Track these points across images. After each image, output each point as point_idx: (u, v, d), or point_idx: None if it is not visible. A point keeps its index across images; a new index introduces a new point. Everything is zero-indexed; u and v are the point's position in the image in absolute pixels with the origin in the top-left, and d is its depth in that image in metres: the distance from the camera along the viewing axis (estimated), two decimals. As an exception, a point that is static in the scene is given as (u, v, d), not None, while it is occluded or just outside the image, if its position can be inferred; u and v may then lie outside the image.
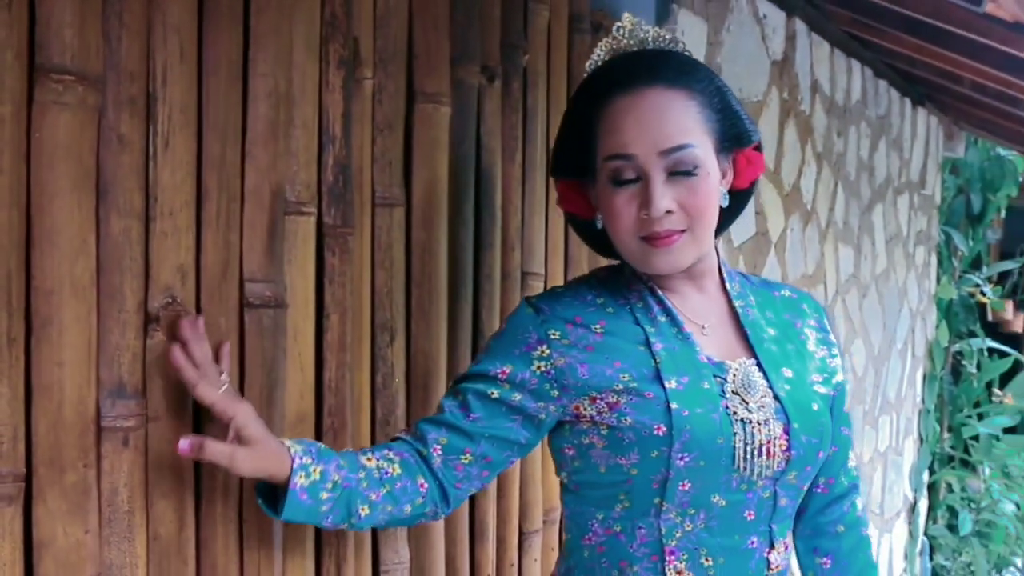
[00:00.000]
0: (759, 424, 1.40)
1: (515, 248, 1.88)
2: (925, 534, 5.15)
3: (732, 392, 1.41)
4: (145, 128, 1.22)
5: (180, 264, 1.27)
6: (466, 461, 1.42)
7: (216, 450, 1.23)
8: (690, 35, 2.30)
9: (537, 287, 1.93)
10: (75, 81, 1.12)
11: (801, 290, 1.67)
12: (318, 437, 1.50)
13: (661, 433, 1.35)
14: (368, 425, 1.60)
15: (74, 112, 1.13)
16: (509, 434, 1.43)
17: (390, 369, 1.62)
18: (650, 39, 1.49)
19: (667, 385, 1.37)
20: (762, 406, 1.41)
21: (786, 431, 1.42)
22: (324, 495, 1.31)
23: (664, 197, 1.34)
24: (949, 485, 5.88)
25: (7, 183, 1.08)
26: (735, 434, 1.38)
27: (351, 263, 1.52)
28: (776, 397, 1.44)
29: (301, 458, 1.28)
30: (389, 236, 1.60)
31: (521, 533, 1.97)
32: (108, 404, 1.20)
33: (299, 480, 1.28)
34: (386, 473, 1.38)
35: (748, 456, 1.39)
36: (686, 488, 1.37)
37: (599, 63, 1.48)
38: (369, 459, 1.37)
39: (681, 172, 1.35)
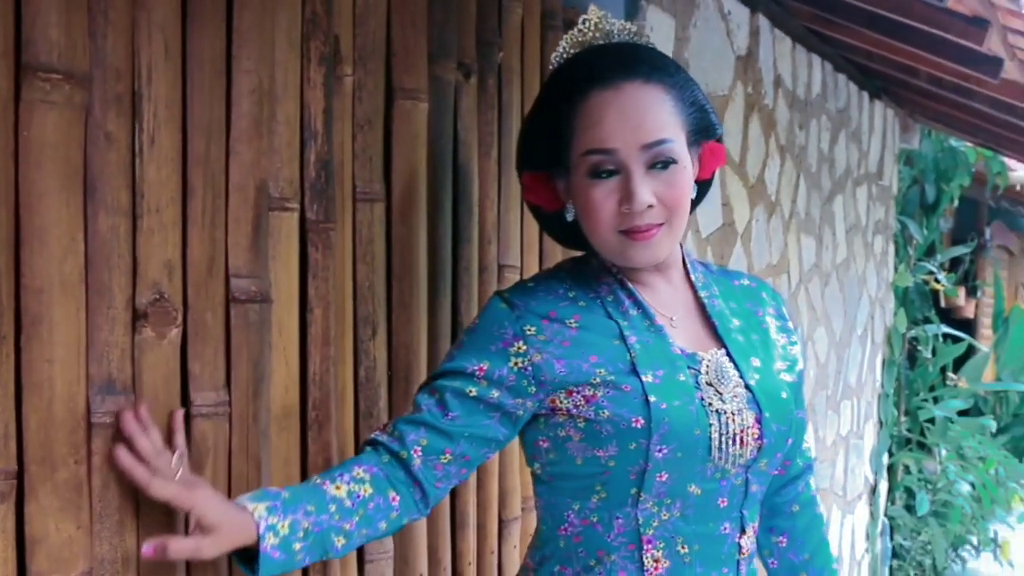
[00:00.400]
0: (733, 414, 1.40)
1: (492, 241, 1.87)
2: (885, 515, 5.20)
3: (706, 383, 1.41)
4: (131, 126, 1.20)
5: (167, 260, 1.26)
6: (445, 461, 1.39)
7: (180, 547, 1.21)
8: (658, 31, 2.30)
9: (513, 279, 1.92)
10: (62, 79, 1.11)
11: (758, 278, 1.68)
12: (303, 430, 1.49)
13: (639, 426, 1.35)
14: (352, 418, 1.59)
15: (61, 110, 1.12)
16: (487, 432, 1.41)
17: (372, 362, 1.61)
18: (615, 32, 1.48)
19: (644, 378, 1.37)
20: (735, 396, 1.42)
21: (758, 420, 1.42)
22: (297, 545, 1.28)
23: (646, 191, 1.34)
24: (906, 467, 5.95)
25: (-6, 181, 1.07)
26: (711, 425, 1.38)
27: (333, 258, 1.51)
28: (747, 387, 1.44)
29: (267, 519, 1.24)
30: (370, 231, 1.59)
31: (501, 521, 1.97)
32: (98, 400, 1.18)
33: (269, 541, 1.24)
34: (357, 497, 1.34)
35: (723, 446, 1.39)
36: (663, 479, 1.37)
37: (565, 55, 1.47)
38: (339, 487, 1.33)
39: (659, 166, 1.35)
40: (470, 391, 1.39)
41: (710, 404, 1.39)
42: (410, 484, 1.38)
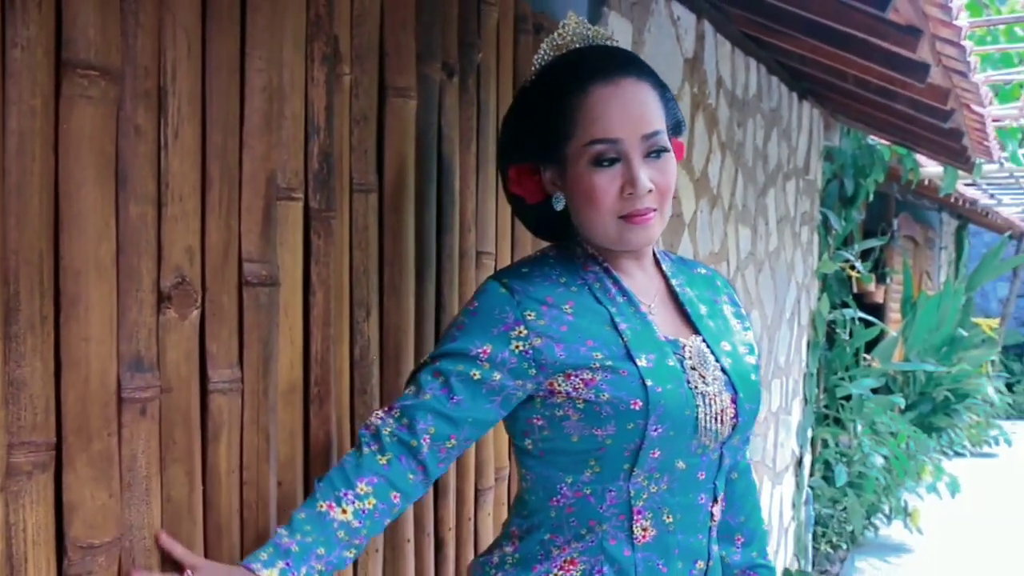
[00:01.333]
0: (715, 396, 1.45)
1: (471, 230, 1.91)
2: (808, 485, 5.33)
3: (691, 368, 1.46)
4: (157, 120, 1.22)
5: (188, 246, 1.28)
6: (450, 445, 1.41)
7: None
8: (618, 35, 2.35)
9: (489, 265, 1.97)
10: (98, 76, 1.13)
11: (711, 267, 1.73)
12: (306, 404, 1.52)
13: (637, 407, 1.38)
14: (348, 394, 1.62)
15: (97, 105, 1.13)
16: (488, 415, 1.43)
17: (367, 342, 1.64)
18: (591, 36, 1.54)
19: (639, 363, 1.40)
20: (715, 379, 1.47)
21: (733, 400, 1.48)
22: None
23: (646, 177, 1.39)
24: (824, 441, 6.09)
25: (38, 170, 1.08)
26: (698, 406, 1.43)
27: (334, 244, 1.54)
28: (723, 370, 1.50)
29: None
30: (365, 219, 1.62)
31: (477, 490, 2.01)
32: (128, 377, 1.20)
33: None
34: (363, 513, 1.35)
35: (708, 425, 1.44)
36: (656, 455, 1.41)
37: (547, 57, 1.52)
38: (344, 510, 1.34)
39: (654, 155, 1.41)
40: (474, 374, 1.40)
41: (695, 387, 1.44)
42: (415, 470, 1.39)
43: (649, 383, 1.39)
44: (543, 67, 1.51)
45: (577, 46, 1.53)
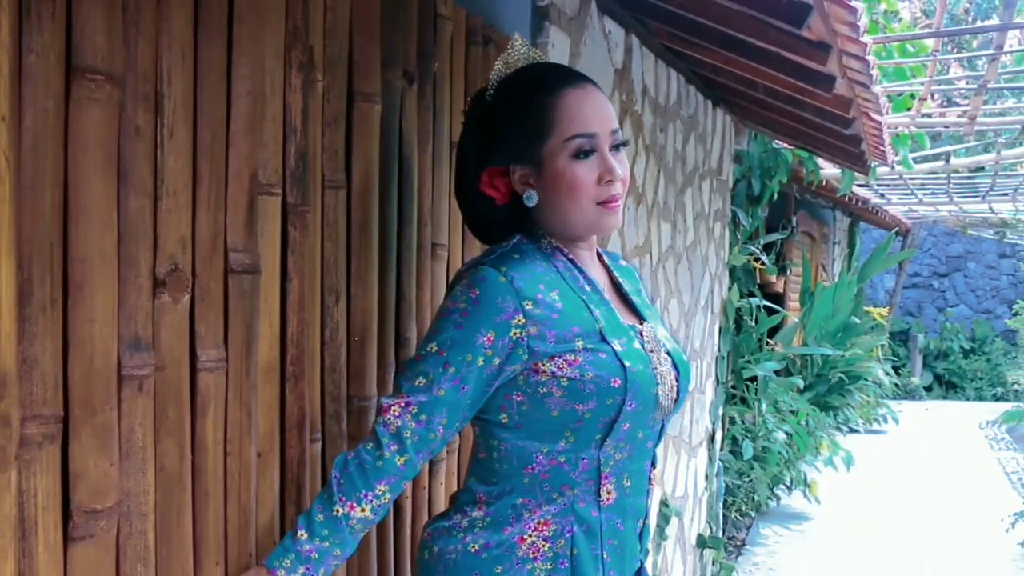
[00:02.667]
0: (666, 375, 1.54)
1: (427, 224, 1.95)
2: (720, 459, 5.47)
3: (650, 351, 1.54)
4: (154, 120, 1.25)
5: (181, 237, 1.30)
6: (456, 427, 1.46)
7: None
8: (559, 47, 2.41)
9: (443, 255, 2.01)
10: (104, 80, 1.15)
11: (628, 260, 1.82)
12: (282, 382, 1.54)
13: (617, 385, 1.44)
14: (319, 372, 1.66)
15: (102, 107, 1.15)
16: (486, 397, 1.47)
17: (336, 325, 1.68)
18: (534, 57, 1.62)
19: (614, 346, 1.47)
20: (664, 360, 1.56)
21: (677, 379, 1.57)
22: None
23: (617, 165, 1.48)
24: (732, 418, 6.24)
25: (49, 166, 1.10)
26: (659, 384, 1.51)
27: (308, 236, 1.57)
28: (668, 353, 1.58)
29: None
30: (335, 213, 1.66)
31: (431, 462, 2.06)
32: (127, 356, 1.23)
33: None
34: (380, 506, 1.42)
35: (663, 401, 1.53)
36: (626, 428, 1.48)
37: (502, 73, 1.58)
38: (363, 509, 1.40)
39: (617, 148, 1.49)
40: (479, 362, 1.42)
41: (656, 368, 1.52)
42: (426, 459, 1.46)
43: (627, 364, 1.46)
44: (504, 81, 1.56)
45: (523, 64, 1.59)
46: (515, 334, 1.43)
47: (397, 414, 1.42)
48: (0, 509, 1.07)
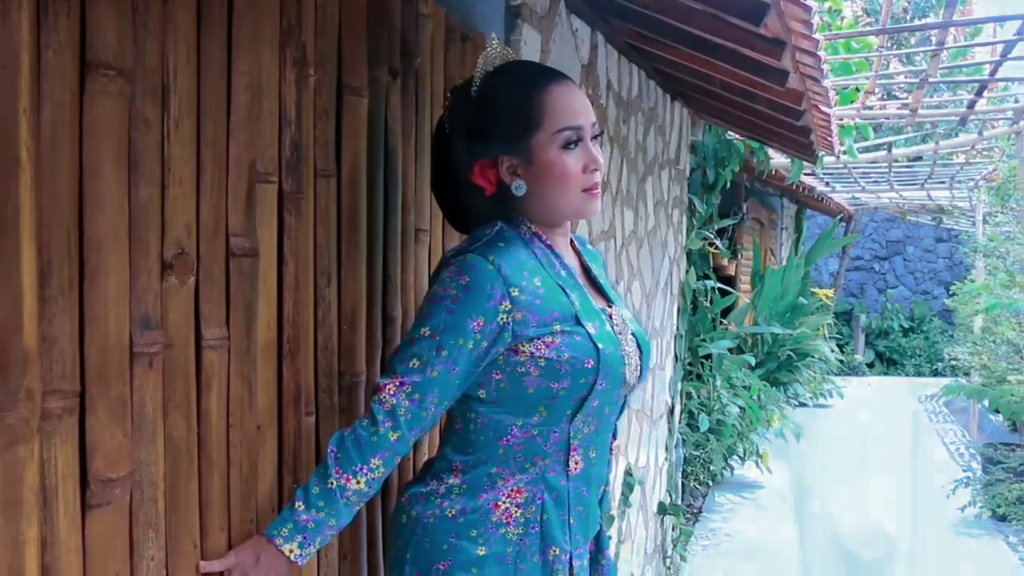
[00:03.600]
0: (631, 355, 1.58)
1: (411, 210, 1.98)
2: (678, 432, 5.55)
3: (619, 333, 1.58)
4: (161, 113, 1.26)
5: (187, 222, 1.32)
6: (446, 406, 1.49)
7: None
8: (531, 44, 2.44)
9: (425, 240, 2.04)
10: (116, 75, 1.16)
11: (593, 244, 1.86)
12: (279, 359, 1.57)
13: (590, 366, 1.48)
14: (312, 349, 1.68)
15: (115, 100, 1.17)
16: (471, 378, 1.49)
17: (328, 306, 1.70)
18: (509, 56, 1.64)
19: (588, 329, 1.50)
20: (630, 341, 1.60)
21: (640, 358, 1.61)
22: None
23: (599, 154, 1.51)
24: (688, 393, 6.33)
25: (66, 156, 1.12)
26: (626, 365, 1.55)
27: (302, 222, 1.59)
28: (633, 334, 1.62)
29: (300, 554, 1.41)
30: (327, 200, 1.68)
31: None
32: (138, 334, 1.24)
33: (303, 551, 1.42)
34: (373, 480, 1.45)
35: (629, 379, 1.57)
36: (595, 405, 1.52)
37: (483, 71, 1.60)
38: (359, 481, 1.43)
39: (596, 138, 1.53)
40: (469, 345, 1.44)
41: (624, 349, 1.56)
42: (418, 435, 1.47)
43: (600, 346, 1.49)
44: (490, 77, 1.58)
45: (499, 63, 1.61)
46: (502, 319, 1.46)
47: (392, 393, 1.45)
48: (25, 478, 1.09)
